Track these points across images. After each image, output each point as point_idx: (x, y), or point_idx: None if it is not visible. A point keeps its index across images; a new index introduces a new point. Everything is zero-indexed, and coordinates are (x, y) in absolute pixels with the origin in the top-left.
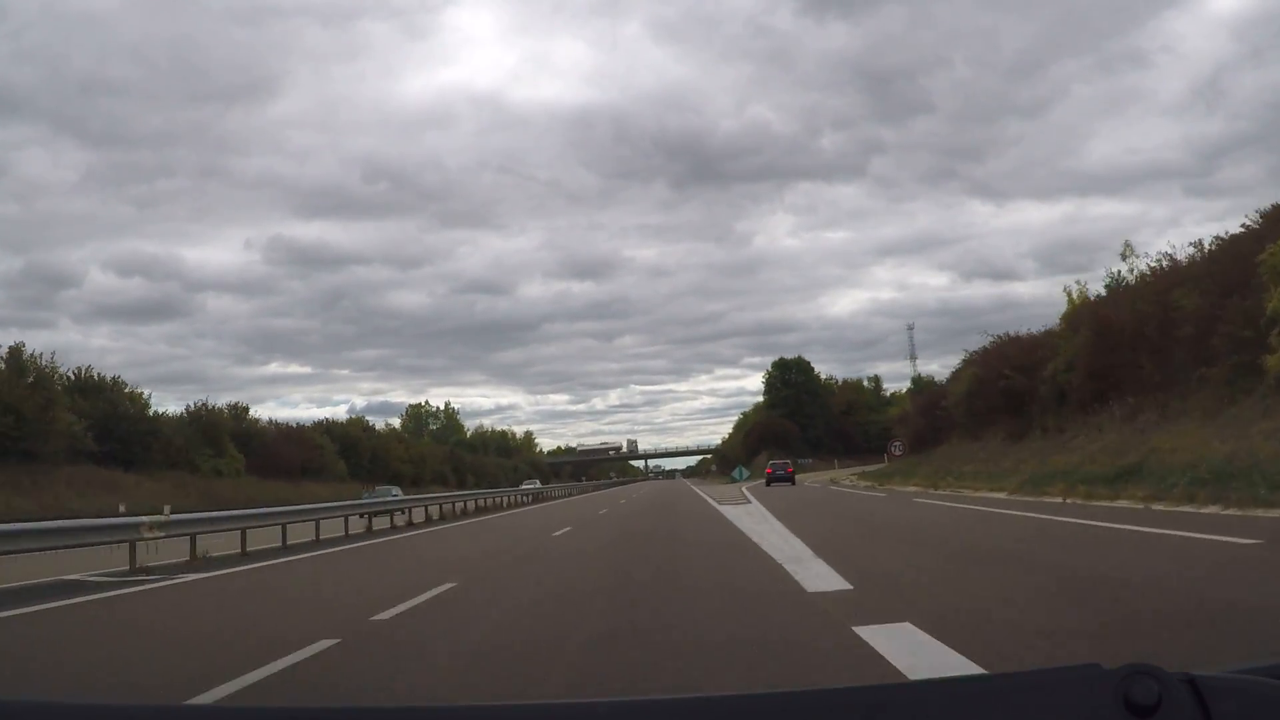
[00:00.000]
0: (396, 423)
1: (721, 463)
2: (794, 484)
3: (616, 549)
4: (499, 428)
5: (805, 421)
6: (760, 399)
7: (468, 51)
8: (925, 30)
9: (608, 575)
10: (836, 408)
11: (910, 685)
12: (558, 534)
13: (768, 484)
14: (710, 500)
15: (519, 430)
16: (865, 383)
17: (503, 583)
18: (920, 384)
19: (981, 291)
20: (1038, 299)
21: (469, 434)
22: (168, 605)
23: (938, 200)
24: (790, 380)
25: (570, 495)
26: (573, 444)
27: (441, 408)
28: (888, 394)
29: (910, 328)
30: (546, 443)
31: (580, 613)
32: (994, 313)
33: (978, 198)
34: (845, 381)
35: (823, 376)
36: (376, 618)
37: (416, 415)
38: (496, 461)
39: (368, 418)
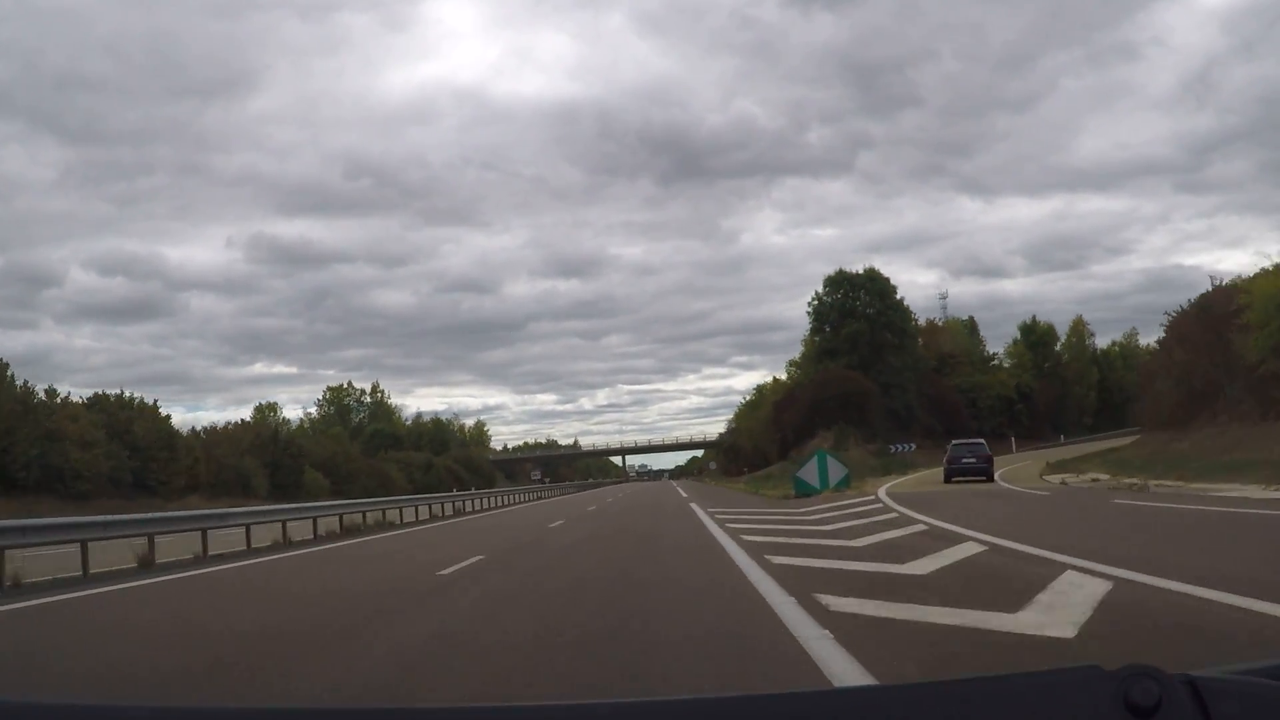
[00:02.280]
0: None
1: (729, 457)
2: (993, 480)
3: None
4: (443, 417)
5: (889, 378)
6: (746, 396)
7: (449, 45)
8: (912, 22)
9: None
10: (927, 361)
11: (910, 686)
12: None
13: (947, 478)
14: None
15: (496, 424)
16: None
17: None
18: (1037, 330)
19: (970, 289)
20: (1027, 296)
21: (408, 424)
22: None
23: (926, 196)
24: (858, 308)
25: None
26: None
27: (367, 390)
28: (991, 355)
29: (943, 297)
30: (523, 440)
31: None
32: (982, 310)
33: (966, 194)
34: (929, 322)
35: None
36: None
37: (337, 400)
38: (402, 459)
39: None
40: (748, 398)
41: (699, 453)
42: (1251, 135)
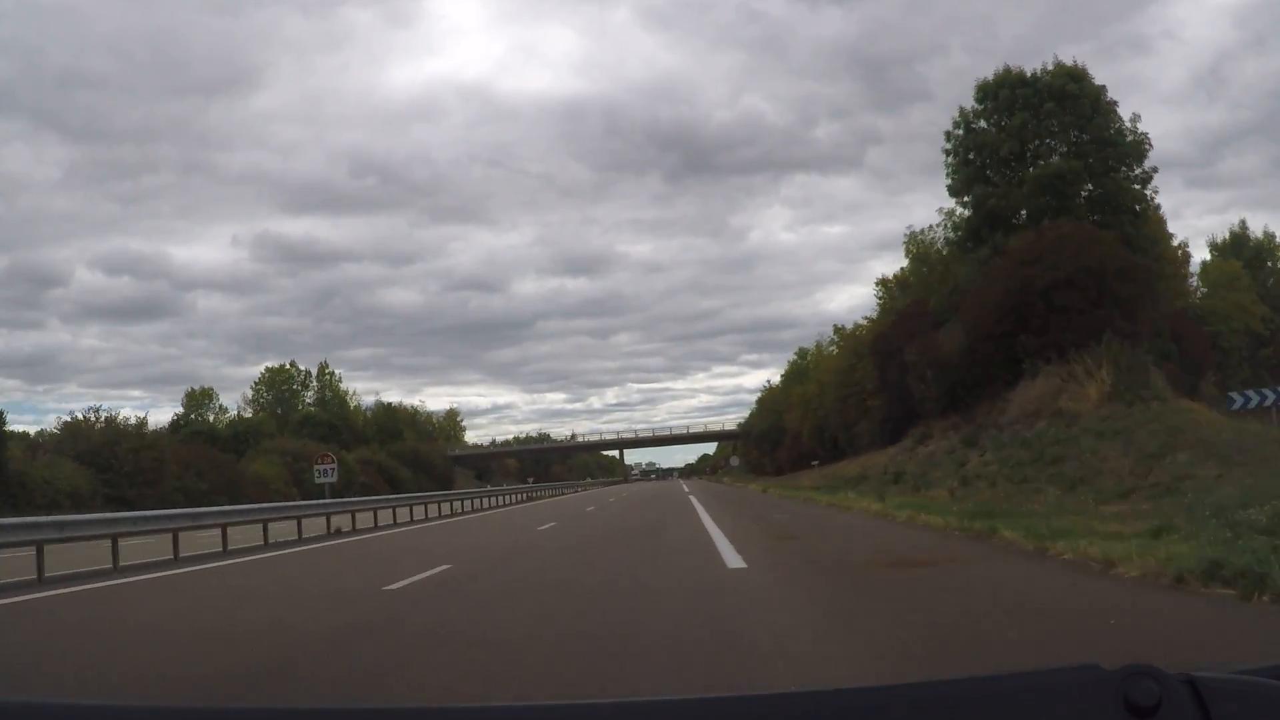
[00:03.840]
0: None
1: (762, 447)
2: None
3: None
4: (406, 404)
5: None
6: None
7: (453, 40)
8: (921, 16)
9: None
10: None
11: (910, 686)
12: None
13: None
14: None
15: (505, 423)
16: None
17: None
18: (1249, 243)
19: None
20: None
21: (366, 412)
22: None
23: (936, 193)
24: (1039, 145)
25: None
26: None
27: (314, 372)
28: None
29: None
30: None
31: None
32: None
33: None
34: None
35: None
36: None
37: (276, 382)
38: (295, 450)
39: None
40: (775, 379)
41: (710, 449)
42: (1263, 130)
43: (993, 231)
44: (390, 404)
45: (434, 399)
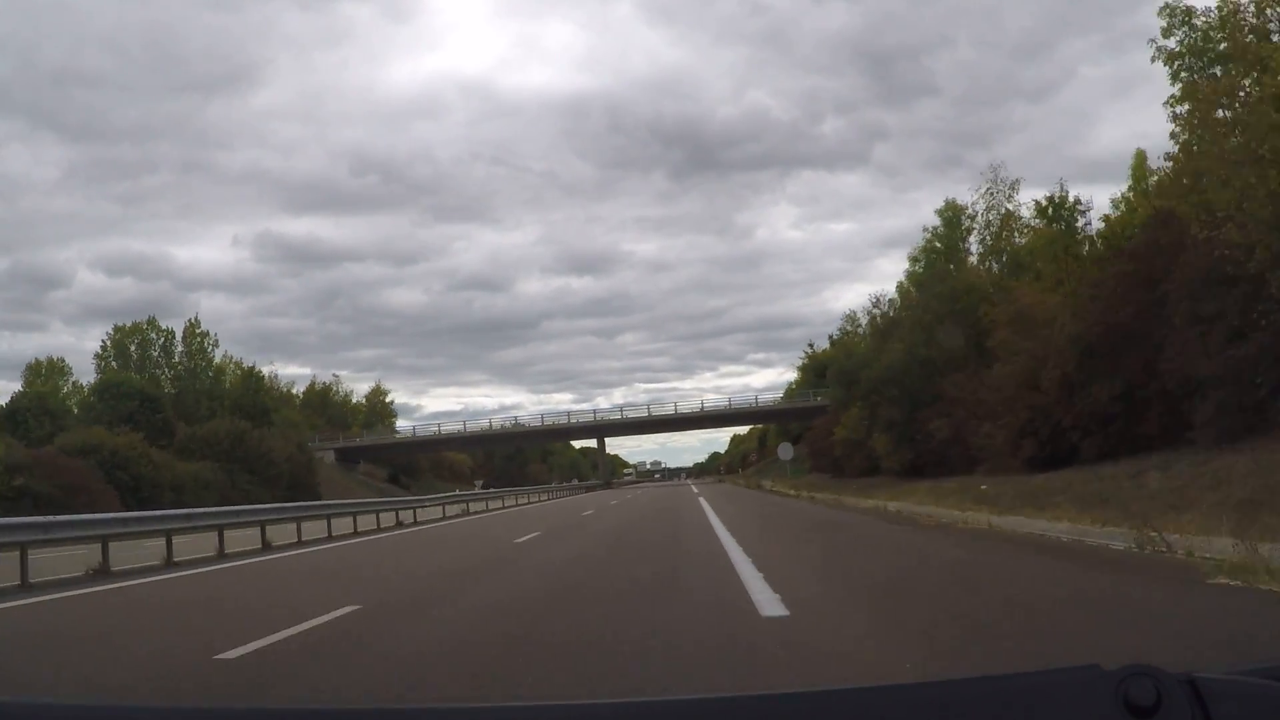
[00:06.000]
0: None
1: (872, 420)
2: None
3: None
4: (318, 381)
5: None
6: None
7: (454, 36)
8: (927, 7)
9: None
10: None
11: (909, 686)
12: None
13: None
14: None
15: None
16: None
17: None
18: None
19: None
20: None
21: (262, 378)
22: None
23: (943, 189)
24: None
25: None
26: None
27: (178, 335)
28: None
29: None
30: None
31: None
32: None
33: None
34: None
35: None
36: None
37: (126, 346)
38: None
39: None
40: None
41: (721, 446)
42: None
43: None
44: (255, 371)
45: (440, 400)
